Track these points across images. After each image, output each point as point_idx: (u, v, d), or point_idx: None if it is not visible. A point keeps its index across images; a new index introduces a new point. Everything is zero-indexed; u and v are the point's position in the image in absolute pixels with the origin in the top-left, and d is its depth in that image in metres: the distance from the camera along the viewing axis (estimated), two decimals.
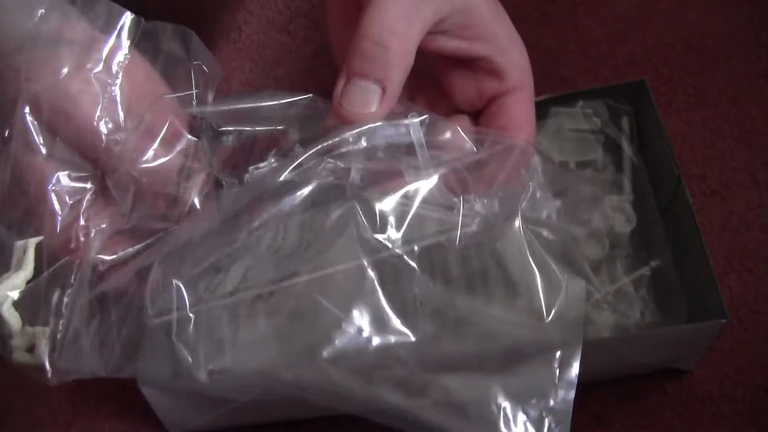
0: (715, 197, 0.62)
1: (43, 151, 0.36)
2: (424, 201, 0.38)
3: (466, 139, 0.40)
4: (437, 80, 0.46)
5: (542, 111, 0.61)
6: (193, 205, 0.37)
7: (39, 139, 0.36)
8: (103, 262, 0.37)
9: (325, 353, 0.37)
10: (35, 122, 0.36)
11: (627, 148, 0.60)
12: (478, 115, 0.45)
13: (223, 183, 0.38)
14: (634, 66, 0.70)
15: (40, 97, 0.35)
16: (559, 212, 0.41)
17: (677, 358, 0.54)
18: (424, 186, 0.38)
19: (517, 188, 0.40)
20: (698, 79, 0.69)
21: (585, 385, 0.55)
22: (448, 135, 0.40)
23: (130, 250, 0.37)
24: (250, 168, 0.38)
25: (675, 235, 0.56)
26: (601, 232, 0.56)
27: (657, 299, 0.56)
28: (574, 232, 0.41)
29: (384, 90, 0.37)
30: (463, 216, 0.38)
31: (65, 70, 0.35)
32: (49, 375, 0.36)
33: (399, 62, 0.37)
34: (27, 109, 0.36)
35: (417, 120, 0.39)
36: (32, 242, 0.36)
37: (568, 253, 0.40)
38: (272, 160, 0.38)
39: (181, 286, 0.36)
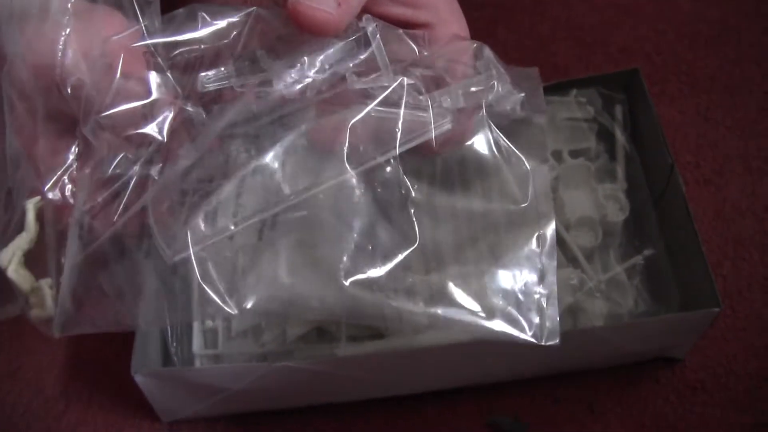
0: (709, 185, 0.62)
1: (26, 115, 0.36)
2: (394, 105, 0.38)
3: (413, 45, 0.41)
4: None
5: None
6: (162, 141, 0.37)
7: (20, 105, 0.36)
8: (89, 211, 0.37)
9: (343, 275, 0.38)
10: (14, 88, 0.36)
11: (620, 136, 0.60)
12: None
13: (192, 116, 0.38)
14: (627, 53, 0.70)
15: (13, 62, 0.36)
16: (523, 104, 0.42)
17: (670, 347, 0.54)
18: (391, 92, 0.39)
19: (480, 81, 0.41)
20: (691, 66, 0.69)
21: (578, 374, 0.56)
22: (397, 40, 0.40)
23: (108, 195, 0.37)
24: (200, 75, 0.38)
25: (668, 224, 0.56)
26: (594, 220, 0.56)
27: (650, 288, 0.56)
28: (537, 120, 0.42)
29: (339, 4, 0.37)
30: (434, 115, 0.39)
31: (32, 33, 0.36)
32: (54, 327, 0.37)
33: None
34: (6, 78, 0.36)
35: (373, 24, 0.39)
36: (31, 203, 0.37)
37: (532, 140, 0.42)
38: (222, 69, 0.38)
39: (189, 230, 0.37)
